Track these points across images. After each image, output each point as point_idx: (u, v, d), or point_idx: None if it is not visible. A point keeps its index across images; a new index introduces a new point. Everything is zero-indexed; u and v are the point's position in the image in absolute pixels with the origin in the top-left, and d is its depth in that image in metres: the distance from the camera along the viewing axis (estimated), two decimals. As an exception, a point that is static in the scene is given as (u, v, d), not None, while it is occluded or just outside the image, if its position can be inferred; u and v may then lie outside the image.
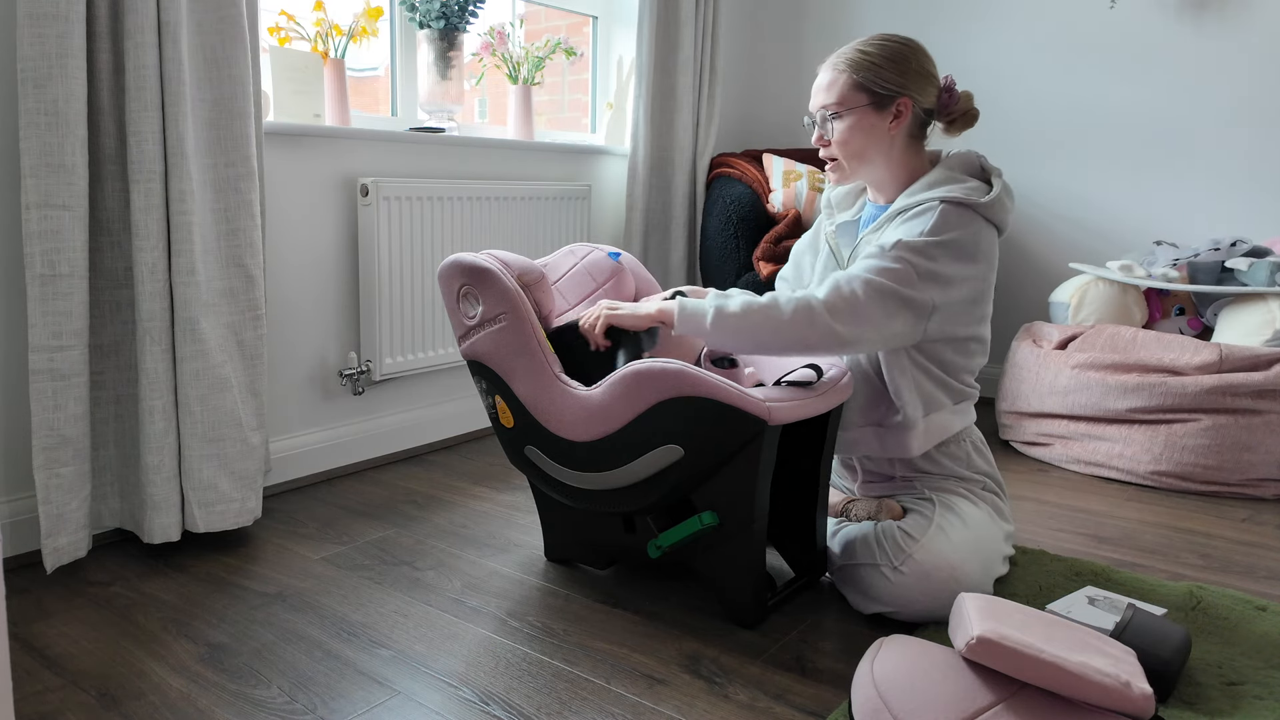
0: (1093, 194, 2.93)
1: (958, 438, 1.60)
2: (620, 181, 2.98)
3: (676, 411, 1.36)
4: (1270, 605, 1.55)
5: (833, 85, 1.54)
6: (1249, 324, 2.32)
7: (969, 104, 1.57)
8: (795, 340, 1.40)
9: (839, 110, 1.53)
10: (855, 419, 1.60)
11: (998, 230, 1.53)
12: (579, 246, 1.81)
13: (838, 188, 1.73)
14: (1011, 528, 1.62)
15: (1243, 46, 2.65)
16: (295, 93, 2.08)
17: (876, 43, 1.53)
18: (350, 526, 1.90)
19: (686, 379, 1.34)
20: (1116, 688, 1.04)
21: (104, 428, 1.71)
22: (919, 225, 1.46)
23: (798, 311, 1.40)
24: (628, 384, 1.39)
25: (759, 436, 1.35)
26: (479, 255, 1.53)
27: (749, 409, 1.33)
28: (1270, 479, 2.17)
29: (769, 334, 1.40)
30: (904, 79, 1.51)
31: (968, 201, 1.46)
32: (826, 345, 1.40)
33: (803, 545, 1.60)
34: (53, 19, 1.48)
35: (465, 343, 1.57)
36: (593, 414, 1.42)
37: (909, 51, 1.53)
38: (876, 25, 3.27)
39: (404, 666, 1.35)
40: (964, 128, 1.59)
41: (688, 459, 1.38)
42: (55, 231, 1.52)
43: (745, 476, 1.39)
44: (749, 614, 1.46)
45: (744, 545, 1.43)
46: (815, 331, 1.39)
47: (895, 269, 1.42)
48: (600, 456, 1.44)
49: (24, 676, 1.31)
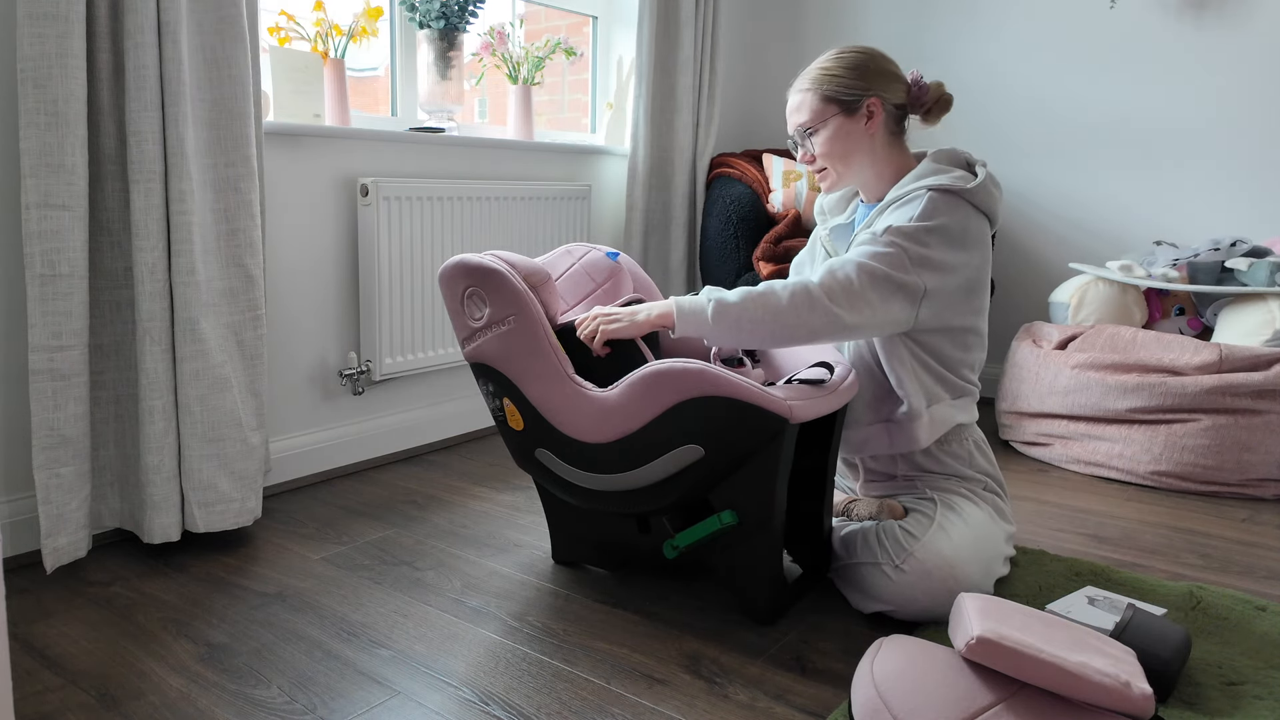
0: (1093, 194, 2.93)
1: (960, 436, 1.60)
2: (620, 181, 2.98)
3: (698, 411, 1.36)
4: (1270, 605, 1.55)
5: (802, 105, 1.60)
6: (1249, 324, 2.32)
7: (940, 91, 1.61)
8: (797, 325, 1.41)
9: (814, 126, 1.58)
10: (864, 416, 1.60)
11: (989, 220, 1.55)
12: (576, 246, 1.81)
13: (829, 195, 1.77)
14: (1013, 528, 1.62)
15: (1243, 46, 2.65)
16: (295, 93, 2.08)
17: (833, 56, 1.59)
18: (350, 526, 1.90)
19: (709, 378, 1.34)
20: (1116, 688, 1.04)
21: (104, 428, 1.71)
22: (908, 211, 1.49)
23: (795, 296, 1.41)
24: (648, 384, 1.38)
25: (779, 435, 1.36)
26: (484, 256, 1.50)
27: (771, 408, 1.33)
28: (1270, 479, 2.17)
29: (770, 320, 1.41)
30: (866, 81, 1.56)
31: (954, 188, 1.49)
32: (829, 330, 1.42)
33: (810, 542, 1.61)
34: (53, 19, 1.48)
35: (470, 345, 1.54)
36: (609, 415, 1.41)
37: (865, 57, 1.58)
38: (876, 25, 3.27)
39: (404, 666, 1.35)
40: (940, 114, 1.62)
41: (708, 458, 1.38)
42: (55, 231, 1.52)
43: (765, 475, 1.39)
44: (767, 612, 1.47)
45: (763, 544, 1.43)
46: (816, 315, 1.40)
47: (887, 253, 1.44)
48: (617, 457, 1.43)
49: (24, 676, 1.31)
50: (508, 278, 1.48)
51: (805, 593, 1.59)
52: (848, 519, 1.59)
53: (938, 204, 1.48)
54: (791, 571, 1.67)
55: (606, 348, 1.52)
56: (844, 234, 1.71)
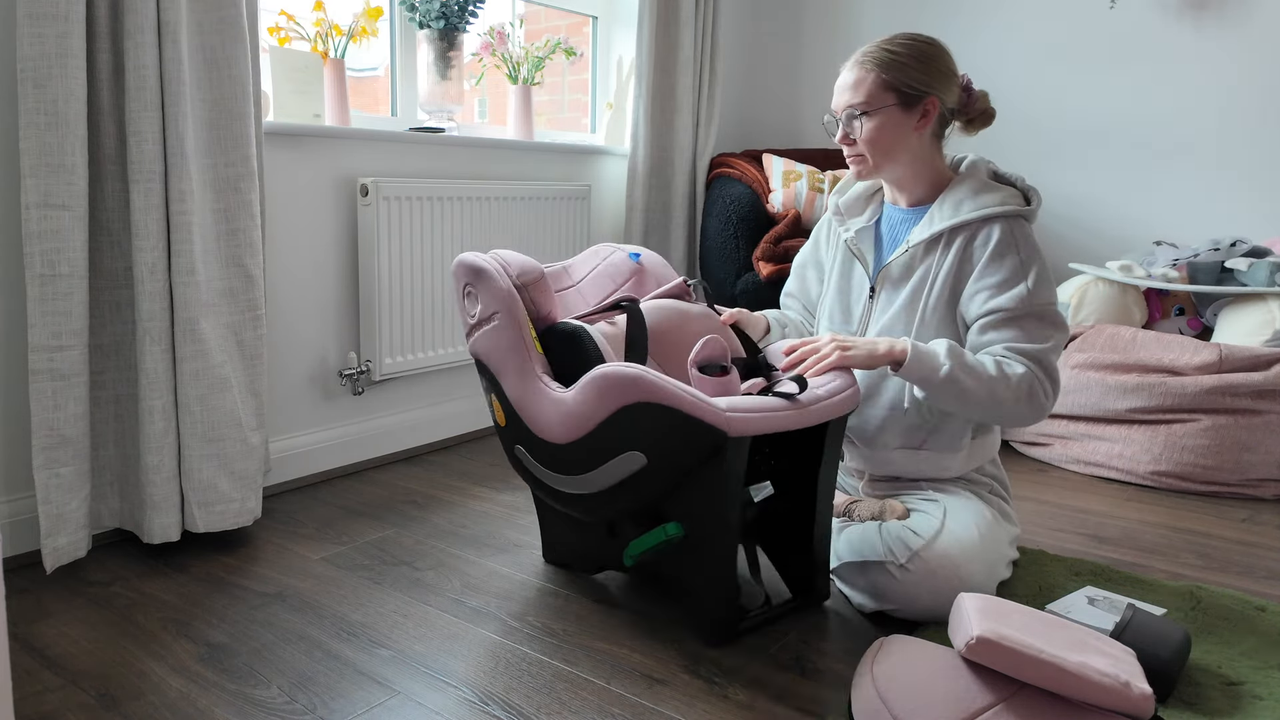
0: (1092, 194, 2.93)
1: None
2: (620, 181, 2.98)
3: (639, 418, 1.32)
4: (1270, 605, 1.55)
5: (860, 84, 1.53)
6: (1249, 324, 2.32)
7: (986, 103, 1.59)
8: (1008, 417, 1.46)
9: (867, 109, 1.52)
10: (891, 442, 1.59)
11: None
12: (603, 247, 1.80)
13: (847, 194, 1.72)
14: (1017, 530, 1.63)
15: (1242, 46, 2.65)
16: (295, 93, 2.08)
17: (903, 41, 1.52)
18: (350, 526, 1.90)
19: (644, 384, 1.30)
20: (1116, 688, 1.04)
21: (104, 428, 1.71)
22: (1011, 259, 1.49)
23: (1020, 390, 1.44)
24: (597, 387, 1.35)
25: (722, 448, 1.29)
26: (480, 255, 1.54)
27: (707, 419, 1.27)
28: (1270, 479, 2.17)
29: (988, 406, 1.44)
30: (930, 78, 1.52)
31: (1023, 213, 1.52)
32: (1029, 422, 1.47)
33: (800, 566, 1.55)
34: (53, 19, 1.48)
35: (469, 340, 1.59)
36: (566, 416, 1.40)
37: (935, 51, 1.53)
38: (875, 26, 3.27)
39: (404, 666, 1.35)
40: (981, 127, 1.60)
41: (651, 467, 1.34)
42: (55, 231, 1.52)
43: (710, 488, 1.33)
44: (716, 631, 1.41)
45: (711, 560, 1.37)
46: (1031, 411, 1.46)
47: (1046, 318, 1.48)
48: (575, 460, 1.42)
49: (24, 676, 1.31)
50: (494, 276, 1.50)
51: (779, 618, 1.50)
52: (850, 519, 1.59)
53: (1017, 234, 1.50)
54: (780, 593, 1.60)
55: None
56: (868, 236, 1.66)
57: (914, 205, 1.61)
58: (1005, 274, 1.49)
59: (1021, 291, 1.47)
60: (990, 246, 1.50)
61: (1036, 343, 1.46)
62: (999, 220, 1.51)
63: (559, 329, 1.52)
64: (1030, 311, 1.47)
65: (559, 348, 1.51)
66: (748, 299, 2.73)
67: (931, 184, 1.59)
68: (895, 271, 1.58)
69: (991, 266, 1.50)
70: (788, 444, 1.54)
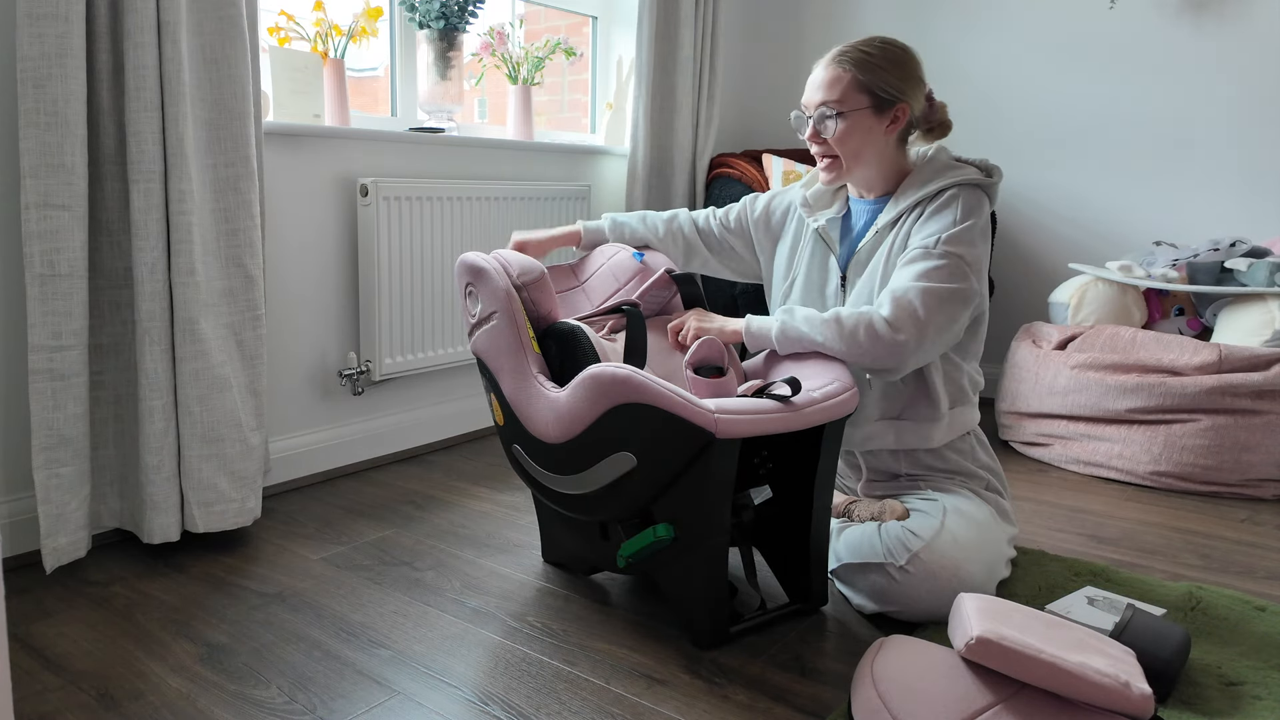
0: (1092, 194, 2.93)
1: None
2: (620, 181, 2.98)
3: (627, 418, 1.32)
4: (1270, 605, 1.55)
5: (835, 83, 1.54)
6: (1248, 324, 2.32)
7: (945, 115, 1.63)
8: (860, 356, 1.45)
9: (840, 109, 1.54)
10: (871, 413, 1.59)
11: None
12: (609, 246, 1.81)
13: (812, 188, 1.73)
14: (1015, 529, 1.63)
15: (1242, 46, 2.65)
16: (295, 93, 2.08)
17: (878, 45, 1.54)
18: (350, 526, 1.90)
19: (632, 385, 1.30)
20: (1116, 688, 1.04)
21: (104, 428, 1.71)
22: (949, 215, 1.50)
23: (859, 328, 1.44)
24: (587, 386, 1.36)
25: (708, 449, 1.29)
26: (482, 254, 1.55)
27: (694, 420, 1.27)
28: (1270, 479, 2.17)
29: (836, 348, 1.46)
30: (904, 84, 1.54)
31: (981, 183, 1.53)
32: (893, 358, 1.44)
33: (797, 571, 1.54)
34: (53, 19, 1.48)
35: (471, 339, 1.59)
36: (560, 415, 1.41)
37: (908, 57, 1.56)
38: (876, 26, 3.27)
39: (404, 666, 1.35)
40: (939, 137, 1.64)
41: (641, 468, 1.34)
42: (55, 231, 1.52)
43: (699, 490, 1.32)
44: (704, 635, 1.40)
45: (700, 562, 1.37)
46: (879, 347, 1.43)
47: (945, 265, 1.46)
48: (568, 459, 1.42)
49: (23, 676, 1.31)
50: (492, 275, 1.51)
51: (772, 623, 1.49)
52: (849, 520, 1.59)
53: (969, 202, 1.51)
54: (777, 597, 1.59)
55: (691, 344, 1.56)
56: (837, 227, 1.68)
57: (880, 196, 1.63)
58: (937, 225, 1.51)
59: (938, 236, 1.49)
60: (936, 204, 1.53)
61: (917, 282, 1.46)
62: (953, 188, 1.53)
63: (556, 329, 1.53)
64: (935, 254, 1.47)
65: (556, 347, 1.52)
66: (748, 299, 2.73)
67: (898, 178, 1.62)
68: (864, 257, 1.60)
69: (931, 221, 1.52)
70: (786, 447, 1.54)
